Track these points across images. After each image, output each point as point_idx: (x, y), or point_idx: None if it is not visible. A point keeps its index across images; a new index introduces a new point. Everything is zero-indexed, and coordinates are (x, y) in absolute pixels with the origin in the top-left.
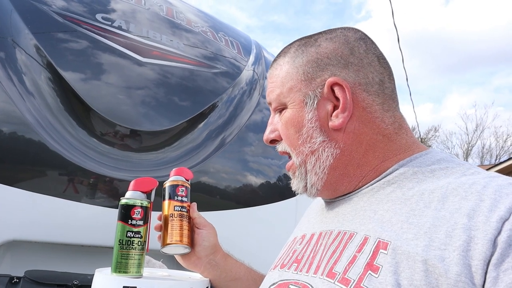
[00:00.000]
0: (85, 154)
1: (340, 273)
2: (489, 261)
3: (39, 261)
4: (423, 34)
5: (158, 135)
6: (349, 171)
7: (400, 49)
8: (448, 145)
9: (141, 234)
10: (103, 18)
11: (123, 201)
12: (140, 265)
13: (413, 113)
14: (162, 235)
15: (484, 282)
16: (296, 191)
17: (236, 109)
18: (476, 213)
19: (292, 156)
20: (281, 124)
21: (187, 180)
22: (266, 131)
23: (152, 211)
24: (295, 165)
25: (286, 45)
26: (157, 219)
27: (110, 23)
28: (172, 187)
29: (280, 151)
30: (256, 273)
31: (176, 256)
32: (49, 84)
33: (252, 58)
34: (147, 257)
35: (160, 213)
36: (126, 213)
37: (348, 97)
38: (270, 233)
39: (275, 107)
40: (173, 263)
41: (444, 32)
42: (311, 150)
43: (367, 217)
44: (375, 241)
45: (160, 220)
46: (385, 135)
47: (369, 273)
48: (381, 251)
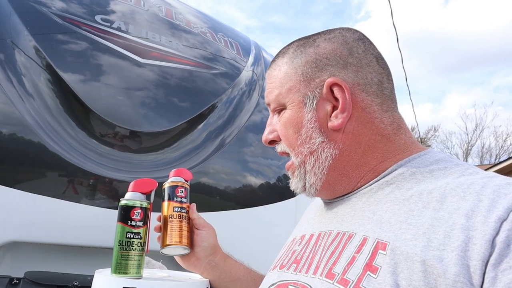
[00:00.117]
0: (85, 155)
1: (339, 274)
2: (488, 261)
3: (39, 262)
4: (422, 34)
5: (157, 136)
6: (348, 171)
7: (399, 49)
8: (447, 144)
9: (140, 235)
10: (102, 19)
11: (123, 202)
12: (140, 266)
13: (413, 113)
14: (161, 236)
15: (482, 282)
16: (294, 190)
17: (235, 109)
18: (474, 214)
19: (291, 156)
20: (280, 124)
21: (186, 181)
22: (264, 132)
23: (151, 212)
24: (295, 165)
25: (284, 46)
26: (157, 220)
27: (109, 25)
28: (171, 188)
29: (279, 152)
30: (255, 274)
31: (175, 257)
32: (48, 85)
33: (251, 58)
34: (147, 258)
35: (159, 214)
36: (125, 214)
37: (347, 97)
38: (269, 233)
39: (274, 108)
40: (173, 264)
41: (443, 32)
42: (310, 150)
43: (366, 218)
44: (374, 242)
45: (159, 221)
46: (384, 135)
47: (368, 274)
48: (380, 251)
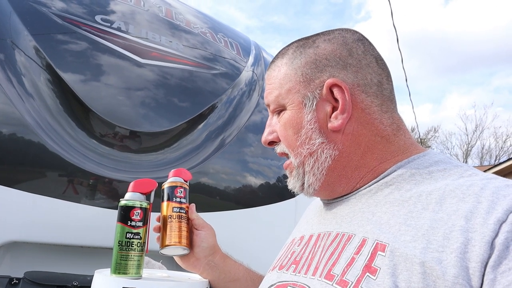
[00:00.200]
0: (85, 155)
1: (338, 275)
2: (487, 263)
3: (39, 262)
4: (422, 34)
5: (157, 136)
6: (347, 172)
7: (399, 50)
8: (447, 145)
9: (140, 235)
10: (102, 19)
11: (123, 202)
12: (139, 266)
13: (413, 114)
14: (161, 237)
15: (481, 284)
16: (292, 189)
17: (235, 110)
18: (473, 215)
19: (290, 157)
20: (280, 125)
21: (185, 181)
22: (264, 132)
23: (151, 212)
24: (293, 165)
25: (284, 47)
26: (156, 220)
27: (109, 25)
28: (170, 188)
29: (278, 152)
30: (255, 274)
31: (175, 257)
32: (48, 85)
33: (251, 59)
34: (146, 258)
35: (159, 214)
36: (125, 215)
37: (347, 98)
38: (269, 233)
39: (273, 109)
40: (173, 264)
41: (443, 32)
42: (310, 151)
43: (365, 219)
44: (373, 243)
45: (158, 221)
46: (383, 136)
47: (367, 275)
48: (379, 253)
